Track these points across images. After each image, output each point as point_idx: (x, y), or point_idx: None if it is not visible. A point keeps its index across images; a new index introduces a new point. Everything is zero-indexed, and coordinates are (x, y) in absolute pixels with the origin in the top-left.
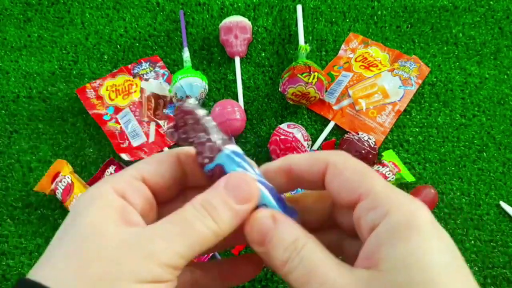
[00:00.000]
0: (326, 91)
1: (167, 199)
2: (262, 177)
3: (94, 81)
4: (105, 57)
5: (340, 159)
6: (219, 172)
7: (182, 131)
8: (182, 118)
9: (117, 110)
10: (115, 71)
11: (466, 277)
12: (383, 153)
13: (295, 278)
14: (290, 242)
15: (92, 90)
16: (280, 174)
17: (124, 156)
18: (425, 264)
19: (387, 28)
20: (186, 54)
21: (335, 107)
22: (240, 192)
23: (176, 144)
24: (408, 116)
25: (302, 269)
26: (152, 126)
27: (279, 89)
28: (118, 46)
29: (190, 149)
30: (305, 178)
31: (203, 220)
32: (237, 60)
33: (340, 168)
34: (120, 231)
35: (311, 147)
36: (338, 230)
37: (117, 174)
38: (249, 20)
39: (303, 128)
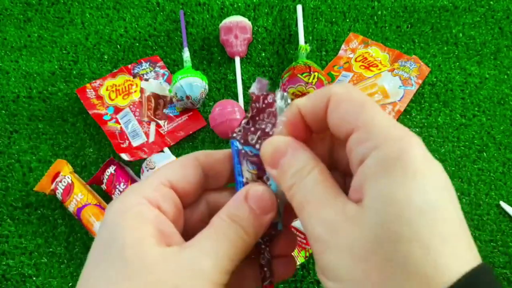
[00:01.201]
0: None
1: (191, 203)
2: None
3: (94, 81)
4: (105, 57)
5: (342, 90)
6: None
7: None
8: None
9: (117, 110)
10: (115, 71)
11: (447, 220)
12: None
13: (295, 204)
14: (297, 169)
15: (92, 90)
16: (295, 125)
17: (124, 156)
18: (405, 204)
19: (387, 28)
20: (186, 54)
21: None
22: (262, 204)
23: (177, 144)
24: (408, 116)
25: (299, 198)
26: (152, 126)
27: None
28: (118, 46)
29: (208, 153)
30: (314, 118)
31: (238, 232)
32: (237, 60)
33: (340, 100)
34: (163, 253)
35: None
36: (339, 171)
37: (145, 182)
38: (249, 20)
39: None
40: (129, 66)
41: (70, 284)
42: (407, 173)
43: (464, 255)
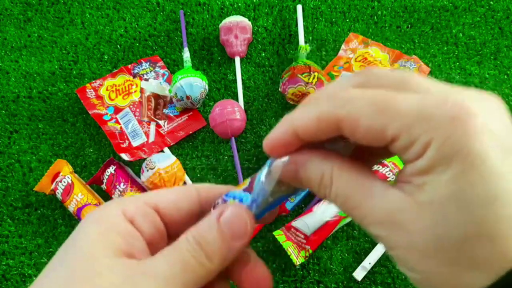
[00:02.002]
0: None
1: (180, 232)
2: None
3: (94, 81)
4: (105, 57)
5: (351, 109)
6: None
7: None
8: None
9: (117, 110)
10: (115, 71)
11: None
12: None
13: (339, 206)
14: (318, 178)
15: (92, 90)
16: (287, 148)
17: (124, 156)
18: (463, 205)
19: (387, 28)
20: (186, 54)
21: None
22: (235, 228)
23: (177, 144)
24: None
25: (339, 202)
26: (152, 126)
27: (279, 89)
28: (118, 46)
29: (212, 186)
30: (318, 138)
31: (198, 257)
32: (237, 60)
33: (356, 120)
34: (115, 264)
35: None
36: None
37: (131, 198)
38: (249, 20)
39: None
40: (129, 66)
41: None
42: (459, 177)
43: None
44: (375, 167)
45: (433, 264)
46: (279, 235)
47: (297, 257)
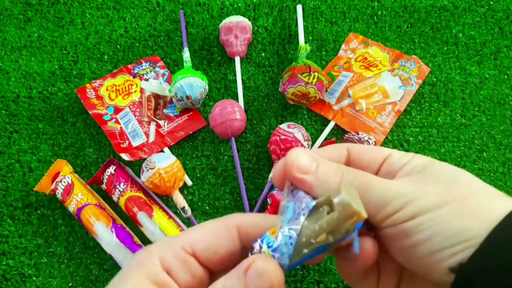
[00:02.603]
0: (326, 91)
1: (225, 269)
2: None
3: (94, 81)
4: (105, 57)
5: (355, 145)
6: None
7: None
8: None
9: (117, 110)
10: (115, 71)
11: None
12: None
13: (358, 184)
14: (338, 166)
15: (92, 90)
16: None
17: (124, 156)
18: (466, 173)
19: (387, 28)
20: (186, 54)
21: (335, 107)
22: (262, 283)
23: (177, 144)
24: (408, 116)
25: (359, 181)
26: (152, 126)
27: (279, 89)
28: (118, 46)
29: (254, 222)
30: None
31: None
32: (237, 60)
33: (359, 147)
34: None
35: (311, 147)
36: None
37: (168, 241)
38: (249, 20)
39: (303, 128)
40: (129, 66)
41: (70, 284)
42: (448, 165)
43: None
44: None
45: (457, 195)
46: None
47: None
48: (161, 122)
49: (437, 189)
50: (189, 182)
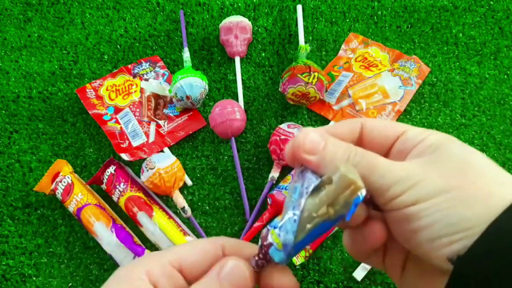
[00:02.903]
0: (326, 91)
1: None
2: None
3: (94, 81)
4: (105, 57)
5: (370, 119)
6: None
7: None
8: None
9: (117, 110)
10: (115, 71)
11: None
12: None
13: (362, 168)
14: (346, 146)
15: (92, 90)
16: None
17: (124, 156)
18: (478, 153)
19: (387, 28)
20: (186, 54)
21: (335, 107)
22: (235, 282)
23: (177, 144)
24: (408, 116)
25: (365, 162)
26: (152, 126)
27: (279, 89)
28: (118, 46)
29: (239, 242)
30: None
31: None
32: (237, 60)
33: (375, 121)
34: None
35: None
36: None
37: (157, 256)
38: (249, 20)
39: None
40: (129, 66)
41: (70, 284)
42: (464, 145)
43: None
44: None
45: (464, 180)
46: None
47: (297, 257)
48: (161, 122)
49: (444, 173)
50: (189, 182)
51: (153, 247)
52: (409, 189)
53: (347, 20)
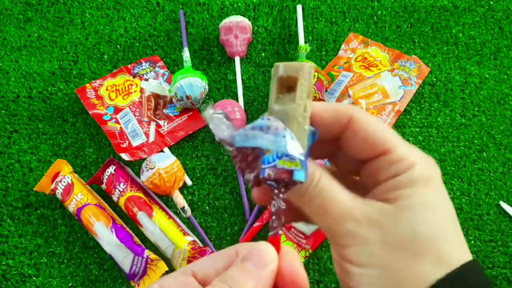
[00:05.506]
0: (326, 91)
1: None
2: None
3: (94, 81)
4: (105, 57)
5: (363, 114)
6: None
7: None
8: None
9: (117, 110)
10: (115, 71)
11: (458, 231)
12: None
13: (314, 208)
14: (313, 167)
15: (92, 90)
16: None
17: (124, 156)
18: (437, 213)
19: (387, 28)
20: (186, 54)
21: None
22: (257, 259)
23: (177, 144)
24: (408, 116)
25: (320, 201)
26: (152, 126)
27: None
28: (118, 46)
29: (251, 244)
30: (325, 127)
31: None
32: (237, 60)
33: (365, 124)
34: None
35: None
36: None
37: (171, 273)
38: (249, 20)
39: None
40: (129, 66)
41: (70, 284)
42: (438, 191)
43: (462, 252)
44: None
45: (402, 257)
46: None
47: None
48: (161, 122)
49: (389, 243)
50: (189, 182)
51: (153, 247)
52: (353, 246)
53: (347, 20)
